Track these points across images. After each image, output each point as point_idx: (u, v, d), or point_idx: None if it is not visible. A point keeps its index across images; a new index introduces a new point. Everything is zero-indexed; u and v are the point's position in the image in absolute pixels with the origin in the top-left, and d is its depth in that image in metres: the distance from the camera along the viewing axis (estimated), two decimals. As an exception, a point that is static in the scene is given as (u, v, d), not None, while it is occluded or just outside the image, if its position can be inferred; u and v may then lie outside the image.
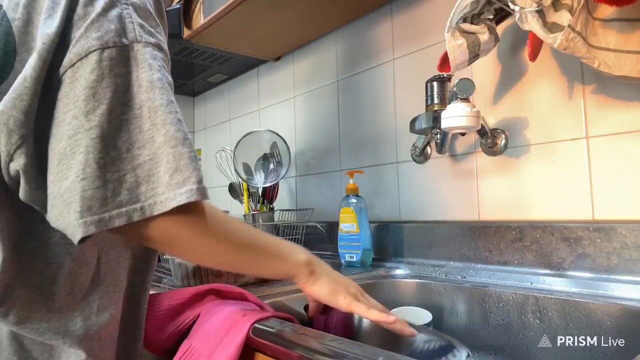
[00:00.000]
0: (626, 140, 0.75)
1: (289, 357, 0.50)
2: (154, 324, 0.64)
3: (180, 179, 0.47)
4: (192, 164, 0.48)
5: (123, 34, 0.50)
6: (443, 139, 0.91)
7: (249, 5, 1.12)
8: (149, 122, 0.48)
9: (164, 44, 0.55)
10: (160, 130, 0.48)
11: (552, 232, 0.80)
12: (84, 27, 0.49)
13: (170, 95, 0.51)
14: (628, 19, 0.65)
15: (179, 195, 0.47)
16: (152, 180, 0.47)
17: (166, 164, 0.48)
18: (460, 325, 0.81)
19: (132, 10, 0.52)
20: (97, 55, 0.48)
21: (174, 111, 0.50)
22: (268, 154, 1.30)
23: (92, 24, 0.49)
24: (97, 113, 0.47)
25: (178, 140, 0.48)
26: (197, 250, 0.53)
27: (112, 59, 0.49)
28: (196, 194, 0.48)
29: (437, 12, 1.04)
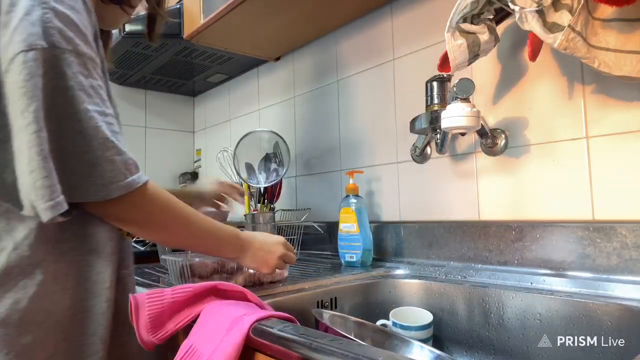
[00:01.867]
0: (626, 140, 0.75)
1: (289, 357, 0.50)
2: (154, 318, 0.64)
3: (133, 168, 0.58)
4: (128, 155, 0.58)
5: (44, 36, 0.53)
6: (443, 139, 0.91)
7: (249, 5, 1.12)
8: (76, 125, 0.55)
9: (85, 47, 0.58)
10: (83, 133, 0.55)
11: (552, 232, 0.80)
12: (9, 33, 0.53)
13: (87, 100, 0.56)
14: (628, 19, 0.65)
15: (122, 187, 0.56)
16: None
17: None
18: (460, 325, 0.81)
19: (53, 16, 0.54)
20: (22, 57, 0.52)
21: (96, 116, 0.56)
22: (270, 153, 1.30)
23: (16, 29, 0.53)
24: (30, 110, 0.52)
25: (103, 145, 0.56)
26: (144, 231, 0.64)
27: (36, 60, 0.52)
28: (144, 177, 0.59)
29: (437, 12, 1.04)
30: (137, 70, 1.66)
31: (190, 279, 0.81)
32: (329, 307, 0.83)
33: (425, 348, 0.70)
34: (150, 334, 0.64)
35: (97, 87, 0.58)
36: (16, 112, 0.53)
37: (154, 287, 0.80)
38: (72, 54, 0.55)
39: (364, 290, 0.89)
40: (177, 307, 0.66)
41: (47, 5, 0.55)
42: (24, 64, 0.52)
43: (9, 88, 0.53)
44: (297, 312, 0.71)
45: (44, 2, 0.55)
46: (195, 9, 1.26)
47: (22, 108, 0.52)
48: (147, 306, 0.64)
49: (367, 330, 0.74)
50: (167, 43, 1.41)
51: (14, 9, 0.54)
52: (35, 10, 0.54)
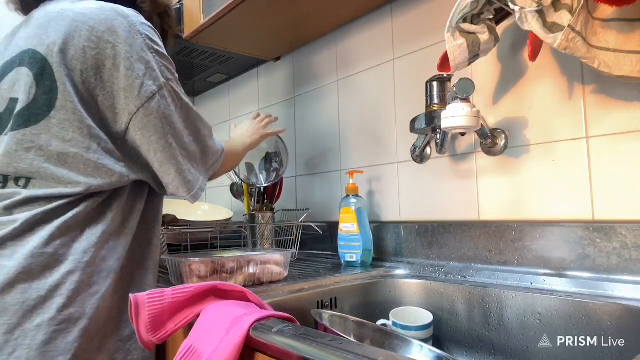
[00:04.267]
0: (626, 140, 0.75)
1: (289, 357, 0.50)
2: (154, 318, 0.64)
3: (218, 142, 0.88)
4: (213, 139, 0.87)
5: (161, 75, 0.73)
6: (443, 139, 0.91)
7: (249, 5, 1.12)
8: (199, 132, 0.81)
9: (175, 72, 0.78)
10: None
11: (552, 232, 0.80)
12: (141, 76, 0.70)
13: (192, 107, 0.80)
14: (628, 19, 0.65)
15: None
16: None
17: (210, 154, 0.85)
18: (460, 325, 0.81)
19: (159, 57, 0.74)
20: (158, 96, 0.72)
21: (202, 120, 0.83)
22: (271, 153, 1.30)
23: (145, 74, 0.71)
24: (177, 129, 0.76)
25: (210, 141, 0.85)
26: None
27: (169, 92, 0.74)
28: (222, 145, 0.90)
29: (437, 12, 1.04)
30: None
31: (190, 279, 0.81)
32: (329, 307, 0.83)
33: (425, 348, 0.70)
34: (150, 334, 0.64)
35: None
36: (159, 134, 0.72)
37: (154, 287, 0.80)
38: (174, 82, 0.76)
39: (364, 290, 0.89)
40: (177, 307, 0.66)
41: (153, 50, 0.73)
42: (162, 99, 0.72)
43: (150, 118, 0.71)
44: (297, 312, 0.72)
45: (150, 48, 0.73)
46: (195, 9, 1.26)
47: (166, 132, 0.73)
48: (147, 306, 0.64)
49: (367, 330, 0.74)
50: (167, 43, 1.40)
51: (133, 56, 0.70)
52: (151, 58, 0.72)
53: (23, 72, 0.70)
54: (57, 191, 0.67)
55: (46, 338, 0.62)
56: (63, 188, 0.68)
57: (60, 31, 0.69)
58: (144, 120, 0.70)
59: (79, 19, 0.70)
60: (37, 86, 0.68)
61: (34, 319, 0.62)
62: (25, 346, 0.61)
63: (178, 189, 0.76)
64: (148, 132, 0.71)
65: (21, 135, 0.68)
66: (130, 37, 0.71)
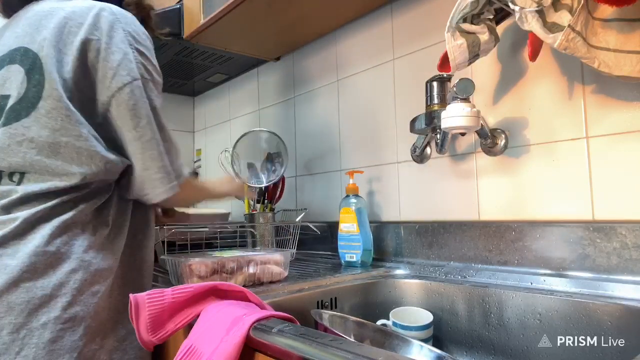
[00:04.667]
0: (626, 140, 0.75)
1: (289, 357, 0.50)
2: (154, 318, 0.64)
3: (182, 166, 0.80)
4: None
5: (137, 70, 0.73)
6: (443, 139, 0.91)
7: (249, 5, 1.12)
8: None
9: (157, 75, 0.78)
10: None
11: (552, 232, 0.80)
12: (114, 67, 0.71)
13: (162, 116, 0.78)
14: (628, 19, 0.65)
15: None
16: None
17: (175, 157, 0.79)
18: (460, 325, 0.81)
19: (139, 54, 0.74)
20: (129, 87, 0.71)
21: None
22: (273, 153, 1.30)
23: (120, 65, 0.71)
24: (140, 125, 0.73)
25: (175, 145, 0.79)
26: None
27: (138, 88, 0.72)
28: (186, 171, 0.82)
29: (437, 12, 1.04)
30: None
31: (190, 279, 0.81)
32: (329, 307, 0.83)
33: (425, 348, 0.70)
34: (150, 334, 0.64)
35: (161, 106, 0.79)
36: (128, 127, 0.72)
37: (154, 287, 0.80)
38: (151, 82, 0.75)
39: (364, 290, 0.89)
40: (177, 307, 0.66)
41: (133, 46, 0.74)
42: (131, 92, 0.71)
43: (120, 109, 0.71)
44: (297, 312, 0.72)
45: (131, 44, 0.73)
46: (195, 9, 1.26)
47: (134, 125, 0.72)
48: (147, 306, 0.64)
49: (367, 330, 0.74)
50: (167, 43, 1.41)
51: (110, 47, 0.71)
52: (129, 51, 0.73)
53: (14, 69, 0.71)
54: (52, 185, 0.68)
55: (53, 336, 0.63)
56: (58, 181, 0.68)
57: (50, 27, 0.71)
58: (115, 111, 0.72)
59: (69, 16, 0.72)
60: (28, 81, 0.69)
61: (40, 317, 0.63)
62: (33, 345, 0.62)
63: (143, 184, 0.74)
64: (120, 123, 0.72)
65: (13, 129, 0.69)
66: (112, 30, 0.73)
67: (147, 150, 0.73)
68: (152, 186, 0.74)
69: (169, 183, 0.75)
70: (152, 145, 0.73)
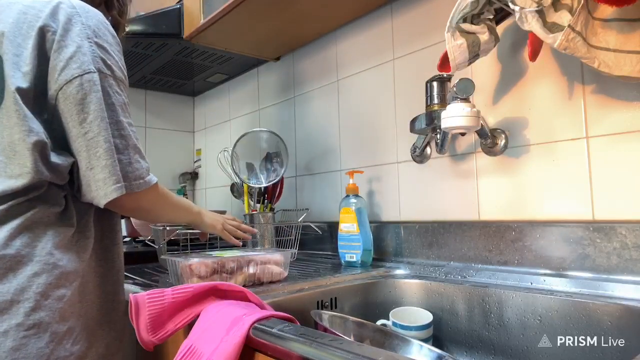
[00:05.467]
0: (626, 140, 0.75)
1: (289, 357, 0.50)
2: (154, 318, 0.64)
3: (140, 170, 0.72)
4: (146, 160, 0.74)
5: (93, 64, 0.68)
6: (443, 139, 0.91)
7: (249, 5, 1.12)
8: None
9: (119, 72, 0.73)
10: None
11: (552, 232, 0.80)
12: (64, 59, 0.67)
13: (122, 114, 0.72)
14: (628, 19, 0.65)
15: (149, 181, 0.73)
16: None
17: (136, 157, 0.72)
18: (460, 325, 0.81)
19: (97, 48, 0.70)
20: (79, 80, 0.67)
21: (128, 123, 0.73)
22: (272, 153, 1.30)
23: (71, 58, 0.67)
24: (87, 121, 0.67)
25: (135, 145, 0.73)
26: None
27: (89, 81, 0.67)
28: (155, 179, 0.74)
29: (437, 12, 1.04)
30: (137, 70, 1.66)
31: (190, 279, 0.81)
32: (329, 307, 0.83)
33: (425, 347, 0.70)
34: (150, 334, 0.64)
35: (127, 104, 0.73)
36: (74, 122, 0.67)
37: (154, 287, 0.80)
38: (111, 78, 0.70)
39: (364, 290, 0.89)
40: (177, 307, 0.66)
41: (91, 40, 0.69)
42: (80, 86, 0.66)
43: (66, 103, 0.67)
44: (297, 312, 0.72)
45: (89, 37, 0.69)
46: (195, 9, 1.26)
47: (80, 120, 0.67)
48: (148, 306, 0.64)
49: (367, 330, 0.74)
50: (167, 43, 1.41)
51: (64, 39, 0.68)
52: (84, 44, 0.68)
53: None
54: (8, 186, 0.65)
55: (15, 344, 0.60)
56: (14, 181, 0.65)
57: (7, 22, 0.68)
58: (62, 105, 0.67)
59: (27, 10, 0.69)
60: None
61: (0, 324, 0.60)
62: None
63: (89, 186, 0.68)
64: (65, 119, 0.67)
65: None
66: (69, 22, 0.69)
67: (92, 148, 0.66)
68: (97, 187, 0.67)
69: (114, 184, 0.67)
70: (97, 143, 0.66)
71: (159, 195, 0.78)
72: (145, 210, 0.78)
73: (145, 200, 0.74)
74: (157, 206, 0.79)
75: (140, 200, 0.73)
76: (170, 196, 0.84)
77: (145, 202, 0.75)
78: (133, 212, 0.80)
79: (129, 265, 1.19)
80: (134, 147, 0.71)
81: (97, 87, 0.67)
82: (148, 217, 0.87)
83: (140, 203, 0.74)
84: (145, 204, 0.76)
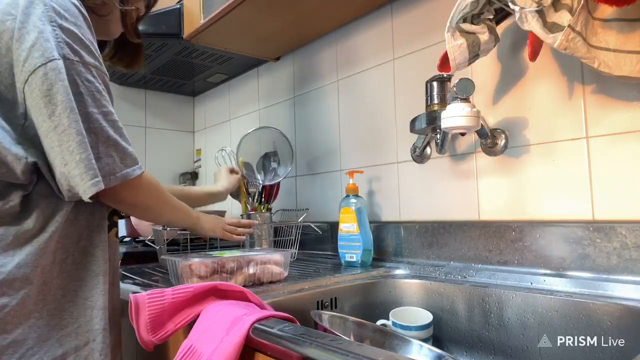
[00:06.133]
0: (626, 140, 0.75)
1: (289, 357, 0.50)
2: (154, 318, 0.64)
3: (129, 161, 0.68)
4: (128, 150, 0.69)
5: (57, 50, 0.62)
6: (443, 139, 0.91)
7: (249, 5, 1.12)
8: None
9: (89, 57, 0.67)
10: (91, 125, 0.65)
11: (552, 232, 0.80)
12: (26, 48, 0.61)
13: (92, 104, 0.65)
14: (628, 19, 0.65)
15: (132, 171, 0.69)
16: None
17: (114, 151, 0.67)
18: (460, 325, 0.81)
19: (61, 32, 0.63)
20: (42, 70, 0.61)
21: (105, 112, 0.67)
22: (270, 152, 1.30)
23: (33, 45, 0.61)
24: (56, 113, 0.62)
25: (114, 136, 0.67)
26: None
27: (54, 70, 0.61)
28: (138, 171, 0.70)
29: (437, 12, 1.04)
30: (137, 70, 1.66)
31: (190, 279, 0.81)
32: (329, 307, 0.83)
33: (425, 347, 0.70)
34: (150, 334, 0.64)
35: (102, 91, 0.67)
36: (43, 116, 0.62)
37: (154, 287, 0.80)
38: (79, 64, 0.64)
39: (364, 290, 0.89)
40: (177, 307, 0.66)
41: (55, 23, 0.63)
42: (45, 76, 0.61)
43: (33, 96, 0.62)
44: (297, 313, 0.72)
45: (52, 20, 0.63)
46: (195, 9, 1.26)
47: (49, 113, 0.61)
48: (148, 306, 0.65)
49: (367, 330, 0.74)
50: (167, 43, 1.41)
51: (25, 26, 0.62)
52: (46, 29, 0.62)
53: None
54: None
55: None
56: None
57: None
58: (29, 99, 0.62)
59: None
60: None
61: None
62: None
63: (68, 183, 0.63)
64: (34, 113, 0.62)
65: None
66: (30, 6, 0.63)
67: (64, 142, 0.61)
68: (75, 183, 0.62)
69: (92, 179, 0.62)
70: (69, 136, 0.61)
71: (145, 189, 0.74)
72: (141, 207, 0.76)
73: (131, 195, 0.71)
74: (151, 198, 0.76)
75: (122, 194, 0.69)
76: (167, 195, 0.81)
77: (138, 197, 0.72)
78: (128, 207, 0.77)
79: (129, 265, 1.20)
80: (105, 141, 0.65)
81: (63, 76, 0.62)
82: (145, 215, 0.83)
83: (123, 197, 0.70)
84: (141, 198, 0.73)
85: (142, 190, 0.73)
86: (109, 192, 0.66)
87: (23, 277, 0.61)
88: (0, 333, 0.59)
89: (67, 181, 0.63)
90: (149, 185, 0.75)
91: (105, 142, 0.66)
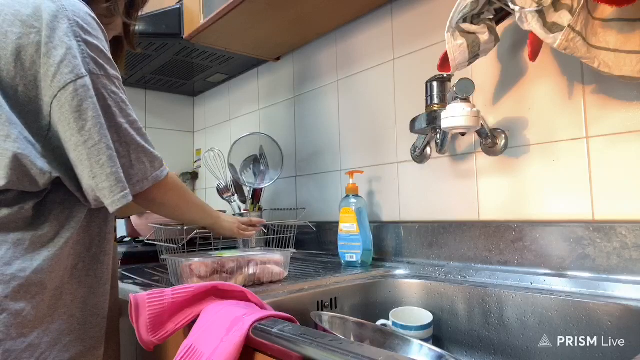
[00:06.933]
0: (626, 140, 0.75)
1: (289, 357, 0.50)
2: (154, 318, 0.64)
3: (157, 164, 0.74)
4: (155, 154, 0.73)
5: (84, 66, 0.64)
6: (443, 139, 0.91)
7: (249, 5, 1.12)
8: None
9: (111, 69, 0.69)
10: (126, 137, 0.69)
11: (552, 232, 0.80)
12: (55, 64, 0.63)
13: (119, 115, 0.68)
14: (628, 19, 0.65)
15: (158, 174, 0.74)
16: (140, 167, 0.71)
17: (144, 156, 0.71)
18: (460, 325, 0.81)
19: (86, 47, 0.65)
20: (72, 86, 0.63)
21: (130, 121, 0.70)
22: (257, 155, 1.32)
23: (62, 62, 0.63)
24: (86, 128, 0.64)
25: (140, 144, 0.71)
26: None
27: (83, 86, 0.63)
28: (165, 171, 0.75)
29: (437, 12, 1.04)
30: (137, 70, 1.66)
31: (190, 279, 0.81)
32: (329, 307, 0.83)
33: (425, 347, 0.70)
34: (150, 334, 0.64)
35: (125, 101, 0.70)
36: (72, 130, 0.63)
37: (154, 287, 0.80)
38: (104, 77, 0.67)
39: (364, 290, 0.89)
40: (177, 307, 0.66)
41: (80, 38, 0.65)
42: (75, 92, 0.63)
43: (62, 111, 0.63)
44: (297, 312, 0.72)
45: (77, 35, 0.65)
46: (195, 9, 1.26)
47: (78, 127, 0.63)
48: (148, 306, 0.65)
49: (367, 330, 0.74)
50: (167, 43, 1.41)
51: (52, 41, 0.63)
52: (73, 44, 0.64)
53: None
54: None
55: None
56: None
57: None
58: (57, 114, 0.63)
59: (6, 2, 0.65)
60: None
61: None
62: None
63: (89, 194, 0.65)
64: (63, 127, 0.63)
65: None
66: (55, 20, 0.64)
67: (94, 156, 0.63)
68: (103, 196, 0.64)
69: (121, 191, 0.64)
70: (99, 151, 0.64)
71: (171, 188, 0.78)
72: (167, 206, 0.80)
73: (162, 194, 0.76)
74: (176, 199, 0.80)
75: (153, 193, 0.73)
76: (191, 193, 0.86)
77: (162, 196, 0.76)
78: (158, 206, 0.80)
79: (129, 265, 1.20)
80: (136, 148, 0.69)
81: (91, 92, 0.64)
82: (173, 212, 0.84)
83: (154, 196, 0.74)
84: (166, 198, 0.77)
85: (169, 189, 0.78)
86: (142, 193, 0.71)
87: (39, 282, 0.62)
88: (19, 337, 0.59)
89: (94, 192, 0.65)
90: (174, 185, 0.79)
91: (136, 150, 0.69)
